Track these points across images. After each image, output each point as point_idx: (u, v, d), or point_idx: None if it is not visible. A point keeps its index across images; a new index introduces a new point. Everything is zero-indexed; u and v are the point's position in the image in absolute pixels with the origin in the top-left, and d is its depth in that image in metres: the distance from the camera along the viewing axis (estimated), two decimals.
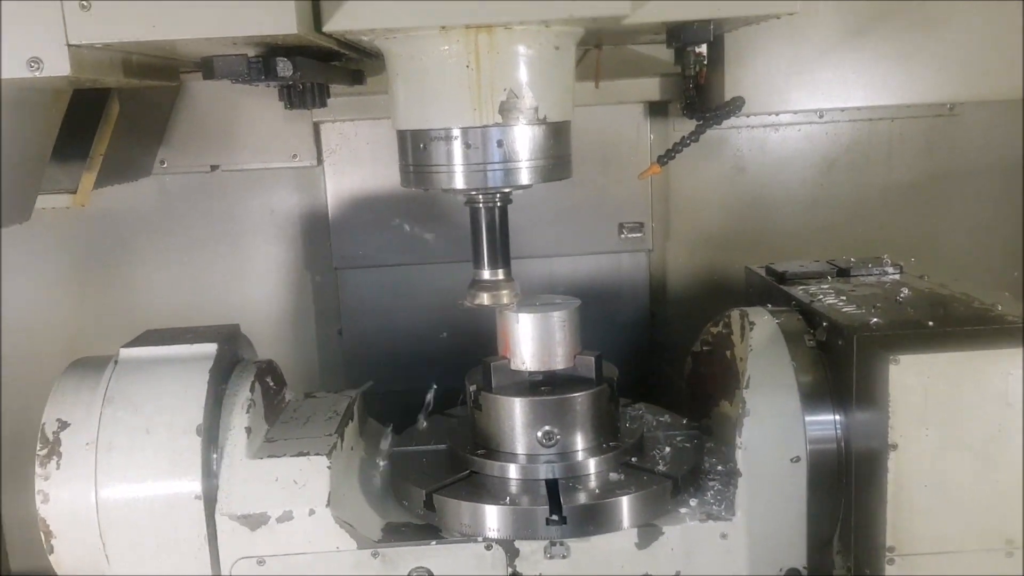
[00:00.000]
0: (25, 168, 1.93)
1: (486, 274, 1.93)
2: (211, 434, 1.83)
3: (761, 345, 1.94)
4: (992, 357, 1.62)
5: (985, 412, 1.63)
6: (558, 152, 1.82)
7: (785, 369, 1.89)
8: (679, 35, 1.82)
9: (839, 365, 1.83)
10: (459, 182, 1.78)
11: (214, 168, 2.72)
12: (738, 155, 2.83)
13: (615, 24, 1.73)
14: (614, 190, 2.72)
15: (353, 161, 2.70)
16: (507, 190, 1.86)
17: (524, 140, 1.76)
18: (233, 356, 2.04)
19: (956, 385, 1.63)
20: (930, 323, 1.79)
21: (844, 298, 2.01)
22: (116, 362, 1.92)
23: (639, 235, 2.75)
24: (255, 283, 2.84)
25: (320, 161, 2.71)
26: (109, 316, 2.79)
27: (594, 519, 1.82)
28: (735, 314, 2.08)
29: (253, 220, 2.80)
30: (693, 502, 1.89)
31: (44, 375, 2.25)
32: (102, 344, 2.04)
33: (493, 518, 1.82)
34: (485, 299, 1.91)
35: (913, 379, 1.62)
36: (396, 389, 2.34)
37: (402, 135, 1.84)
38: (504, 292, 1.92)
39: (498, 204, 1.89)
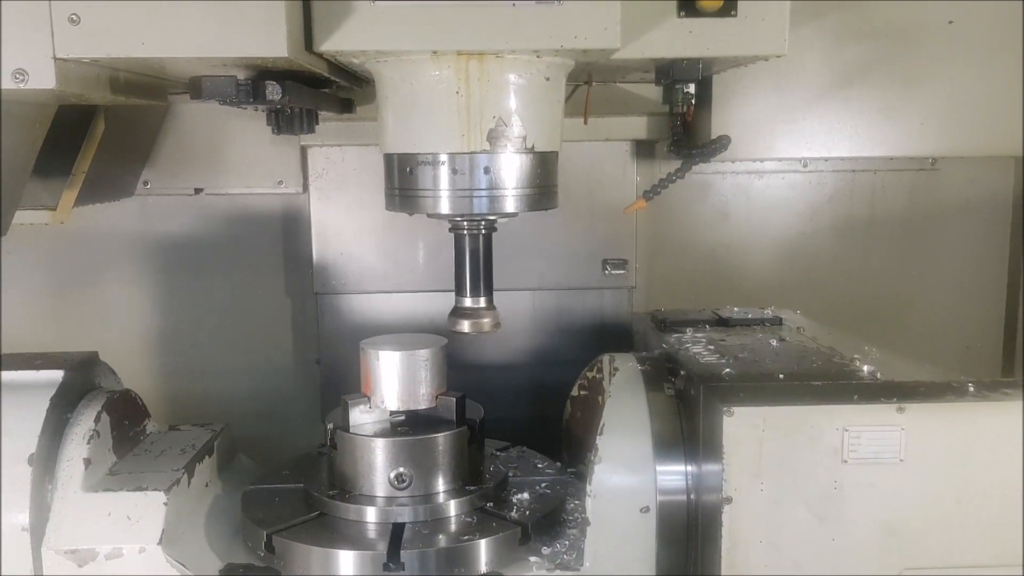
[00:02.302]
0: (5, 182, 1.90)
1: (468, 302, 1.91)
2: (47, 465, 1.77)
3: (620, 391, 1.90)
4: (828, 413, 1.59)
5: (820, 468, 1.59)
6: (544, 182, 1.82)
7: (640, 417, 1.85)
8: (668, 72, 1.85)
9: (691, 415, 1.80)
10: (444, 207, 1.78)
11: (198, 191, 2.70)
12: (722, 200, 2.84)
13: (605, 58, 1.75)
14: (599, 226, 2.72)
15: (339, 187, 2.69)
16: (492, 217, 1.86)
17: (511, 168, 1.76)
18: (85, 384, 1.98)
19: (791, 439, 1.58)
20: (781, 376, 1.77)
21: (712, 347, 2.00)
22: None
23: (622, 272, 2.75)
24: (233, 308, 2.80)
25: (306, 189, 2.70)
26: (81, 335, 2.73)
27: (437, 565, 1.76)
28: (605, 359, 2.06)
29: (234, 244, 2.77)
30: (546, 550, 1.83)
31: None
32: None
33: (332, 563, 1.76)
34: (466, 326, 1.90)
35: (747, 432, 1.58)
36: None
37: (389, 159, 1.84)
38: (485, 320, 1.91)
39: (483, 231, 1.88)
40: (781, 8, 1.75)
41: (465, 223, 1.86)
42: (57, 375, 1.87)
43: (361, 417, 1.93)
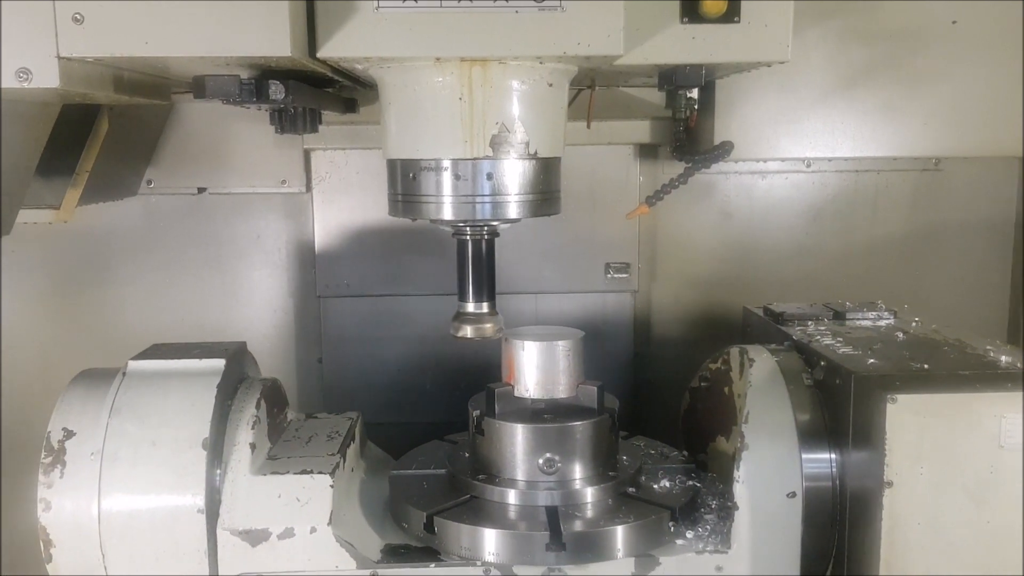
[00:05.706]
0: (9, 181, 1.91)
1: (470, 307, 1.92)
2: (216, 449, 1.84)
3: (760, 382, 1.97)
4: (987, 400, 1.66)
5: (979, 453, 1.66)
6: (547, 188, 1.83)
7: (784, 407, 1.93)
8: (671, 78, 1.84)
9: (836, 404, 1.87)
10: (447, 213, 1.78)
11: (201, 191, 2.70)
12: (725, 201, 2.84)
13: (608, 64, 1.75)
14: (602, 230, 2.73)
15: (342, 189, 2.69)
16: (495, 223, 1.86)
17: (514, 174, 1.76)
18: (239, 373, 2.05)
19: (951, 426, 1.66)
20: (925, 366, 1.83)
21: (840, 339, 2.06)
22: (124, 374, 1.92)
23: (625, 276, 2.75)
24: (236, 308, 2.81)
25: (309, 188, 2.70)
26: (85, 334, 2.75)
27: (592, 547, 1.82)
28: (734, 351, 2.10)
29: (238, 244, 2.78)
30: (690, 534, 1.90)
31: (15, 388, 2.19)
32: (76, 362, 2.01)
33: (493, 542, 1.82)
34: (468, 332, 1.91)
35: (909, 419, 1.65)
36: (373, 420, 2.31)
37: (392, 164, 1.84)
38: (488, 325, 1.92)
39: (485, 237, 1.89)
40: (784, 14, 1.75)
41: (468, 229, 1.86)
42: (219, 363, 1.92)
43: (505, 405, 1.98)
